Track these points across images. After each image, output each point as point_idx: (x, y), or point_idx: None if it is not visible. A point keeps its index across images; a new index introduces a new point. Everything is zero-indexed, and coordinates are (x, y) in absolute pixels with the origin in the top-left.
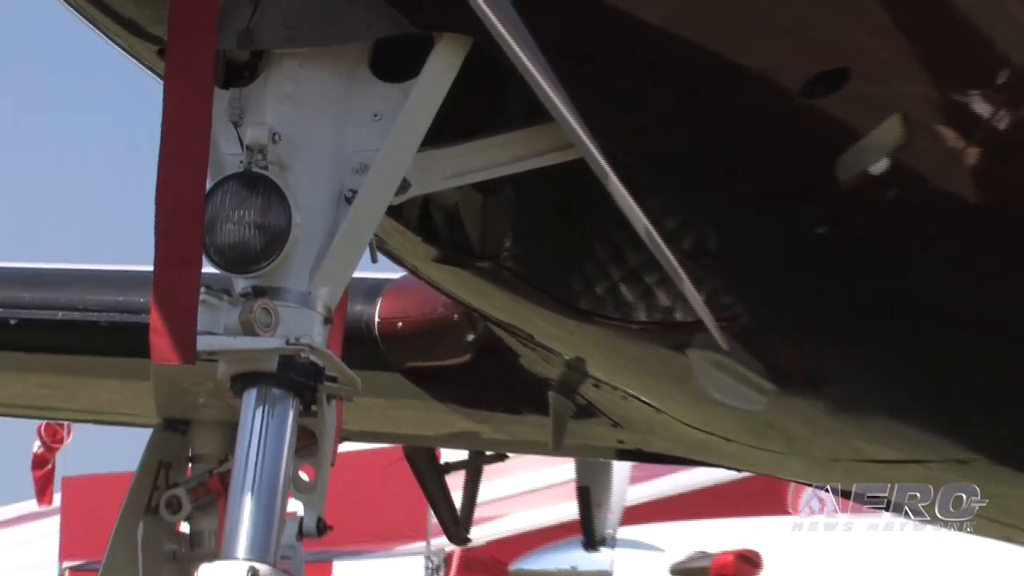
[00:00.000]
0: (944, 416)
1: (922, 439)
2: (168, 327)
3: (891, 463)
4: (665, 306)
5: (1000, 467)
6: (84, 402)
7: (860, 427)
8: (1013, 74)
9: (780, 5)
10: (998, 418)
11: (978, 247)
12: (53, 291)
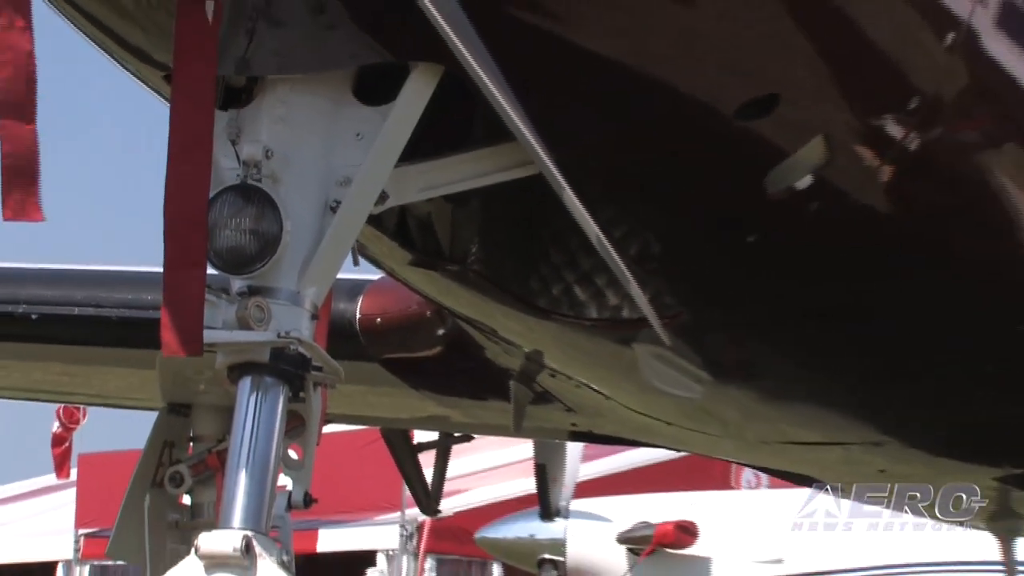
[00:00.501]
0: (860, 404)
1: (841, 424)
2: (177, 323)
3: (814, 445)
4: (614, 305)
5: (910, 449)
6: (97, 388)
7: (786, 413)
8: (923, 100)
9: (716, 39)
10: (907, 406)
11: (890, 253)
12: (70, 289)
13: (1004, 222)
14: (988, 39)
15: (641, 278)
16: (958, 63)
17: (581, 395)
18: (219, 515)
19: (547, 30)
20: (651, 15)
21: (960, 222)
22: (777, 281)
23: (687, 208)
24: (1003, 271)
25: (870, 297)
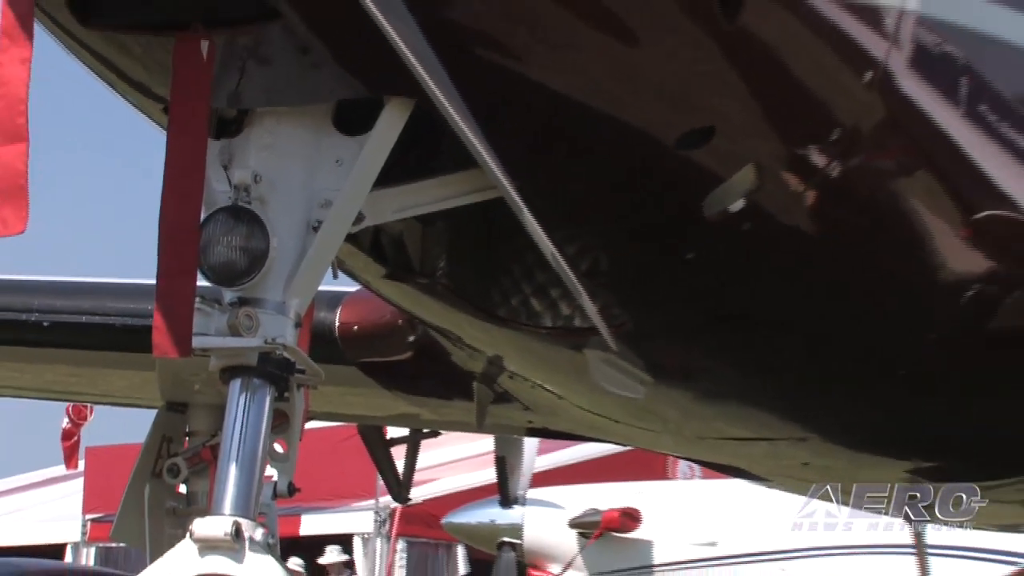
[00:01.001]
0: (785, 404)
1: (769, 422)
2: (168, 327)
3: (745, 440)
4: (567, 315)
5: (830, 444)
6: (103, 388)
7: (720, 412)
8: (844, 132)
9: (658, 76)
10: (827, 407)
11: (813, 268)
12: (77, 299)
13: (915, 241)
14: (902, 78)
15: (591, 291)
16: (875, 99)
17: (537, 395)
18: (211, 503)
19: (508, 68)
20: (601, 55)
21: (876, 241)
22: (712, 293)
23: (633, 228)
24: (912, 285)
25: (795, 308)
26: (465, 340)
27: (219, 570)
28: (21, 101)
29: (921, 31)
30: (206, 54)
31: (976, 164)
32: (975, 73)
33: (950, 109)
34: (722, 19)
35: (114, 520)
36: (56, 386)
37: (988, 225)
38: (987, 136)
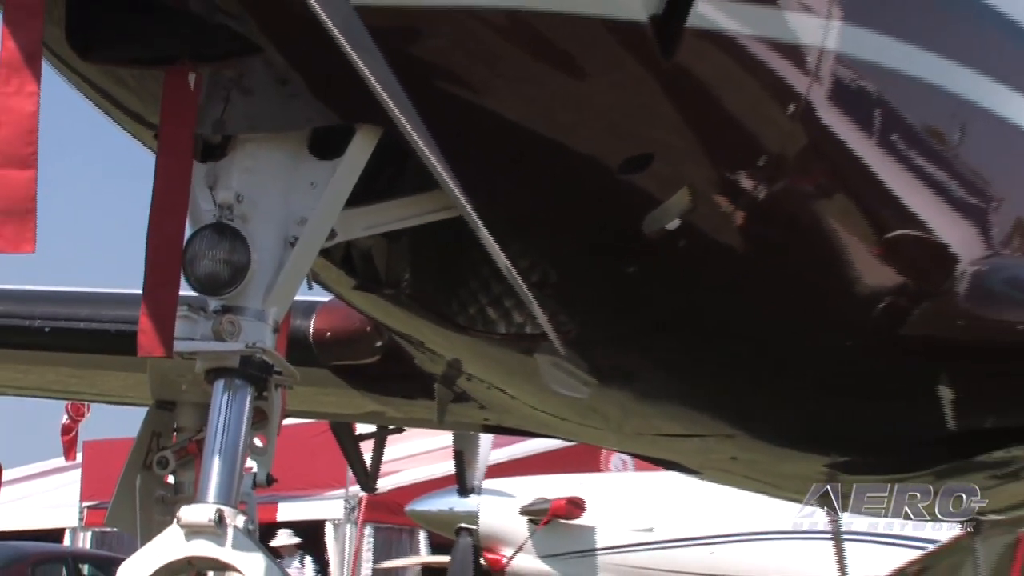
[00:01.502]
0: (715, 404)
1: (701, 420)
2: (152, 330)
3: (679, 436)
4: (519, 322)
5: (756, 440)
6: (99, 387)
7: (657, 411)
8: (769, 159)
9: (603, 107)
10: (752, 407)
11: (741, 281)
12: (76, 307)
13: (832, 257)
14: (822, 109)
15: (541, 301)
16: (798, 129)
17: (492, 395)
18: (197, 492)
19: (467, 98)
20: (552, 88)
21: (797, 256)
22: (651, 303)
23: (580, 244)
24: (829, 297)
25: (724, 317)
26: (427, 345)
27: (204, 553)
28: (31, 132)
29: (838, 68)
30: (193, 85)
31: (887, 188)
32: (886, 105)
33: (864, 138)
34: (661, 57)
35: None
36: (57, 385)
37: (898, 243)
38: (897, 162)
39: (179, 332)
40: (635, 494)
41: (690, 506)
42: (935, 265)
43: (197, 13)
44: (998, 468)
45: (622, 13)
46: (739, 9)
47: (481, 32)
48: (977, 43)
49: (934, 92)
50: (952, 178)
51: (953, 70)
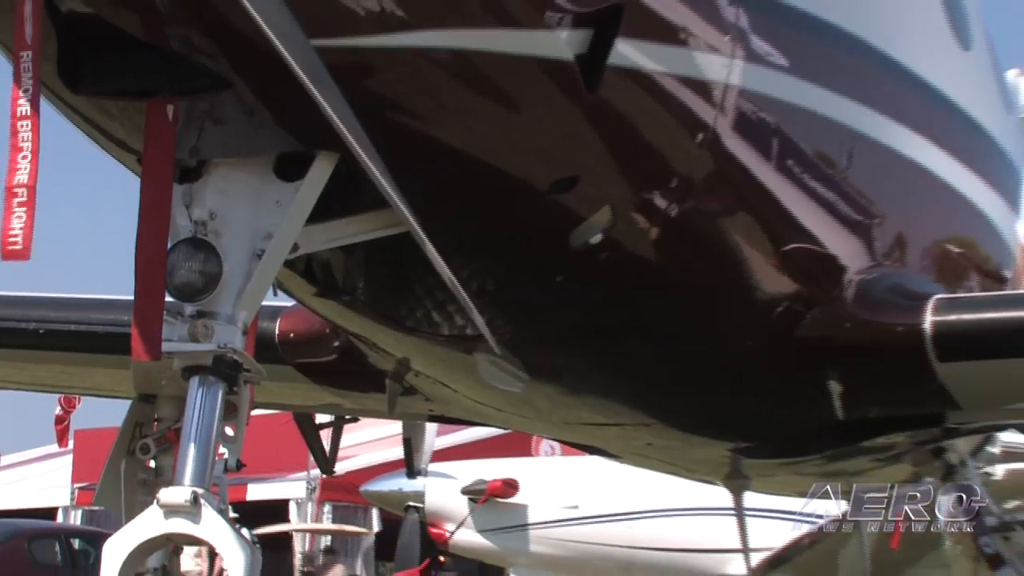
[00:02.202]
0: (633, 398)
1: (621, 411)
2: (143, 337)
3: (602, 425)
4: (460, 325)
5: (669, 429)
6: (88, 383)
7: (582, 403)
8: (680, 181)
9: (534, 136)
10: (666, 399)
11: (656, 288)
12: (67, 311)
13: (736, 267)
14: (726, 137)
15: (480, 306)
16: (705, 155)
17: (436, 389)
18: (175, 475)
19: (414, 128)
20: (489, 119)
21: (706, 267)
22: (576, 308)
23: (515, 256)
24: (733, 303)
25: (641, 320)
26: (379, 345)
27: (180, 530)
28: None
29: (741, 101)
30: (171, 116)
31: (784, 206)
32: (782, 134)
33: (763, 162)
34: (585, 92)
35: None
36: (50, 380)
37: (793, 255)
38: (792, 184)
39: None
40: (562, 476)
41: (611, 486)
42: (825, 275)
43: (175, 52)
44: (879, 452)
45: (552, 53)
46: (653, 49)
47: (427, 69)
48: (860, 79)
49: (824, 122)
50: (840, 198)
51: (840, 103)
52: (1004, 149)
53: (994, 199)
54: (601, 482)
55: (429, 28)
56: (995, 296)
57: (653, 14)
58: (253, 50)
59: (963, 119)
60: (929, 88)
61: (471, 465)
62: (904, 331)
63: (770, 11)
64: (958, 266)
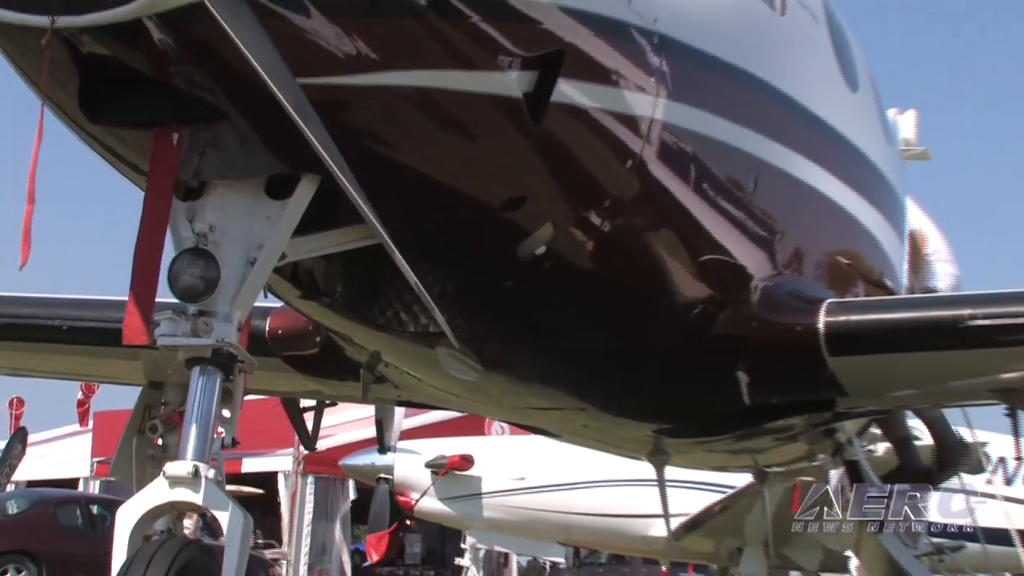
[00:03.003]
0: (572, 386)
1: (561, 397)
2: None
3: (545, 409)
4: (424, 323)
5: (601, 413)
6: (106, 372)
7: (528, 390)
8: (612, 201)
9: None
10: (599, 388)
11: (590, 292)
12: (87, 311)
13: (659, 275)
14: (651, 164)
15: (441, 308)
16: (634, 178)
17: (404, 378)
18: (179, 451)
19: (385, 154)
20: (449, 147)
21: (634, 274)
22: (524, 310)
23: (471, 264)
24: (657, 305)
25: (579, 320)
26: (354, 340)
27: (183, 499)
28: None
29: (664, 133)
30: (176, 143)
31: (701, 224)
32: (699, 161)
33: (683, 185)
34: (531, 125)
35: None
36: (73, 370)
37: (708, 265)
38: (707, 205)
39: (165, 330)
40: (511, 452)
41: (552, 461)
42: (735, 281)
43: (180, 88)
44: (780, 433)
45: (503, 91)
46: (589, 88)
47: (396, 104)
48: (765, 115)
49: (734, 152)
50: (747, 217)
51: (748, 135)
52: (887, 176)
53: (878, 219)
54: (543, 458)
55: (398, 69)
56: (878, 301)
57: (590, 58)
58: (247, 87)
59: (852, 150)
60: (823, 123)
61: (433, 443)
62: (801, 330)
63: (688, 56)
64: (847, 275)
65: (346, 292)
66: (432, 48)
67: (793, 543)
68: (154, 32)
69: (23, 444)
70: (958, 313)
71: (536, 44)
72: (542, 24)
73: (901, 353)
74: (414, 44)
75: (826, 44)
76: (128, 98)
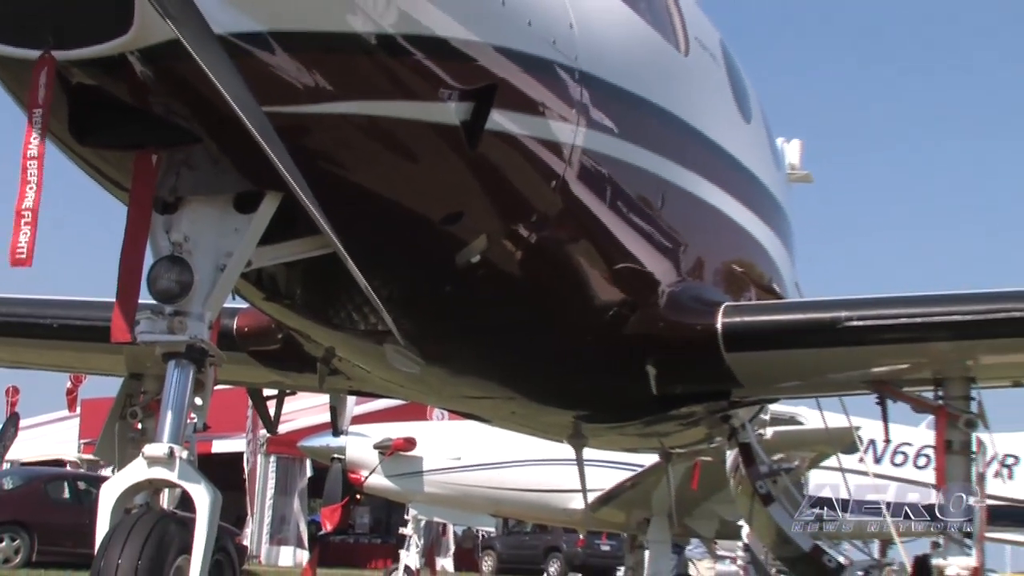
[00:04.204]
0: (503, 378)
1: (493, 388)
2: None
3: (479, 398)
4: (373, 323)
5: (529, 402)
6: (92, 364)
7: (463, 381)
8: (539, 216)
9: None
10: (526, 380)
11: (519, 296)
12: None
13: (580, 281)
14: (573, 184)
15: (389, 309)
16: (557, 197)
17: (355, 370)
18: (156, 434)
19: (339, 174)
20: (395, 168)
21: (557, 279)
22: (460, 311)
23: (415, 271)
24: (577, 308)
25: (508, 321)
26: (311, 337)
27: (159, 476)
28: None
29: (584, 158)
30: (155, 163)
31: (616, 236)
32: (614, 182)
33: (601, 203)
34: (467, 149)
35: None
36: (63, 362)
37: (622, 273)
38: (622, 220)
39: (144, 328)
40: (448, 435)
41: (485, 443)
42: (645, 287)
43: (159, 115)
44: (683, 419)
45: (443, 120)
46: (519, 118)
47: (349, 130)
48: (671, 142)
49: (644, 174)
50: (656, 230)
51: (656, 160)
52: (776, 196)
53: (769, 233)
54: (477, 440)
55: (351, 99)
56: (768, 304)
57: (519, 91)
58: (218, 114)
59: (746, 173)
60: (721, 150)
61: (380, 427)
62: (702, 329)
63: (605, 90)
64: (742, 282)
65: (304, 295)
66: (381, 81)
67: (693, 514)
68: (136, 66)
69: (15, 428)
70: (836, 315)
71: (472, 79)
72: (477, 61)
73: (788, 349)
74: (365, 78)
75: (723, 81)
76: (112, 123)
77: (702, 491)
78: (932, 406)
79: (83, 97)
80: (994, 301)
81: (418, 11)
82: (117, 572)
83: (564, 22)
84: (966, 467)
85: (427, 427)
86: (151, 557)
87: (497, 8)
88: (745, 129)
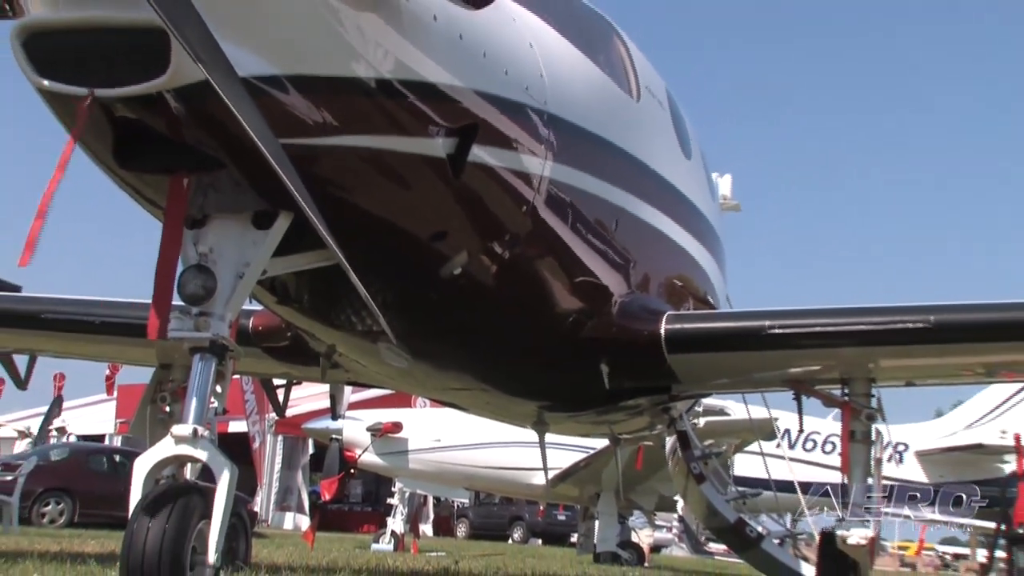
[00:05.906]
0: (479, 372)
1: (470, 381)
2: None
3: (459, 390)
4: (369, 324)
5: (499, 393)
6: (127, 355)
7: (447, 375)
8: (511, 235)
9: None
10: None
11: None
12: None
13: (545, 291)
14: (540, 209)
15: (383, 313)
16: (527, 219)
17: (352, 364)
18: (182, 416)
19: (343, 196)
20: (391, 193)
21: (526, 290)
22: (444, 316)
23: (406, 281)
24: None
25: (484, 324)
26: (316, 336)
27: (185, 452)
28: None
29: (551, 187)
30: (186, 185)
31: (577, 254)
32: (576, 208)
33: (564, 225)
34: (452, 178)
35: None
36: (103, 354)
37: (581, 285)
38: (582, 240)
39: (174, 326)
40: (430, 420)
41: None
42: (600, 298)
43: (190, 144)
44: (630, 410)
45: (432, 153)
46: (495, 152)
47: (352, 160)
48: (624, 175)
49: (601, 202)
50: (610, 249)
51: (612, 189)
52: (711, 223)
53: (705, 253)
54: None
55: (355, 134)
56: (704, 313)
57: (496, 130)
58: (241, 145)
59: (686, 202)
60: (666, 182)
61: (372, 412)
62: (648, 334)
63: (569, 130)
64: (682, 294)
65: (311, 300)
66: (380, 119)
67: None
68: (171, 102)
69: (59, 408)
70: (761, 323)
71: (457, 118)
72: (462, 103)
73: (720, 352)
74: (367, 115)
75: (668, 123)
76: (150, 151)
77: (645, 471)
78: (839, 402)
79: (125, 128)
80: (893, 314)
81: (412, 60)
82: (148, 534)
83: (535, 72)
84: (866, 453)
85: (412, 413)
86: (177, 521)
87: (479, 59)
88: (686, 164)
